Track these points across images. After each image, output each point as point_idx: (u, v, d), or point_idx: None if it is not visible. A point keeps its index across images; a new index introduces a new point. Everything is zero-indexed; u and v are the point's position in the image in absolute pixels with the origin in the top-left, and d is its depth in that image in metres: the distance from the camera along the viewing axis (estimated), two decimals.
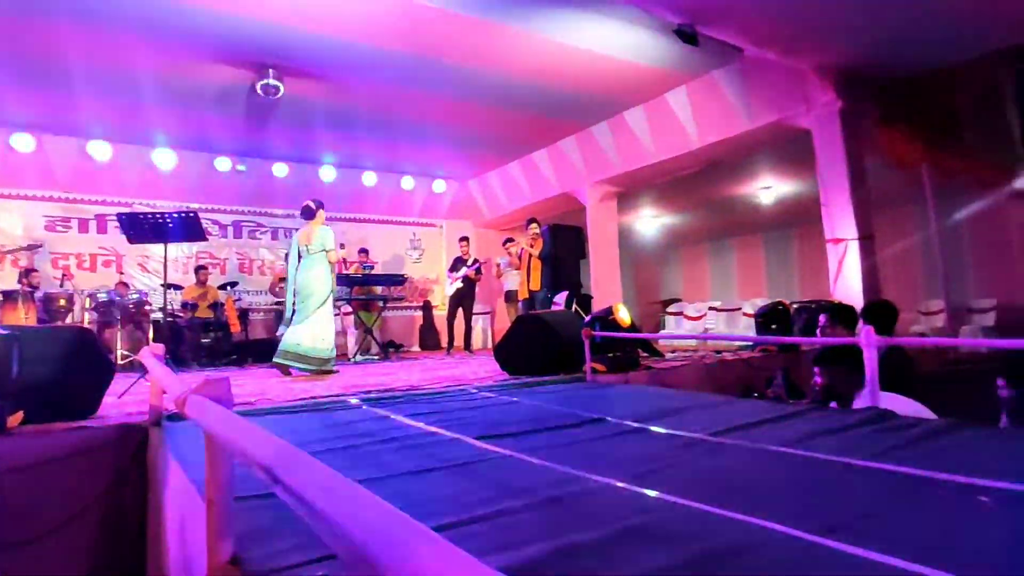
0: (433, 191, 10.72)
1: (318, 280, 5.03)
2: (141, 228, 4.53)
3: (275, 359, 4.87)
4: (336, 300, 7.64)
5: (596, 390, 3.36)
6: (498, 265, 9.12)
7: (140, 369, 3.67)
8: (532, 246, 7.72)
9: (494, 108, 7.49)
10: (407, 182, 10.31)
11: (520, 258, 8.05)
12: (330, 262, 5.12)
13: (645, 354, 5.28)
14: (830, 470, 1.64)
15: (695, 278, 14.34)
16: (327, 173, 9.39)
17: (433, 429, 2.29)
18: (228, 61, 6.04)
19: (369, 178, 9.79)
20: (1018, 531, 1.18)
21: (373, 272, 8.49)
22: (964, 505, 1.33)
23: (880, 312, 3.73)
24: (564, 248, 8.19)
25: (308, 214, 5.28)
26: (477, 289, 8.58)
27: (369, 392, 3.52)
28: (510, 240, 9.04)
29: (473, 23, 5.56)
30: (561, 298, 7.39)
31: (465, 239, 8.82)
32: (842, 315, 3.48)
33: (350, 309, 7.67)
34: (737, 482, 1.58)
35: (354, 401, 3.04)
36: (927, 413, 2.53)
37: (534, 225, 7.94)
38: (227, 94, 6.69)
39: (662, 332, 9.82)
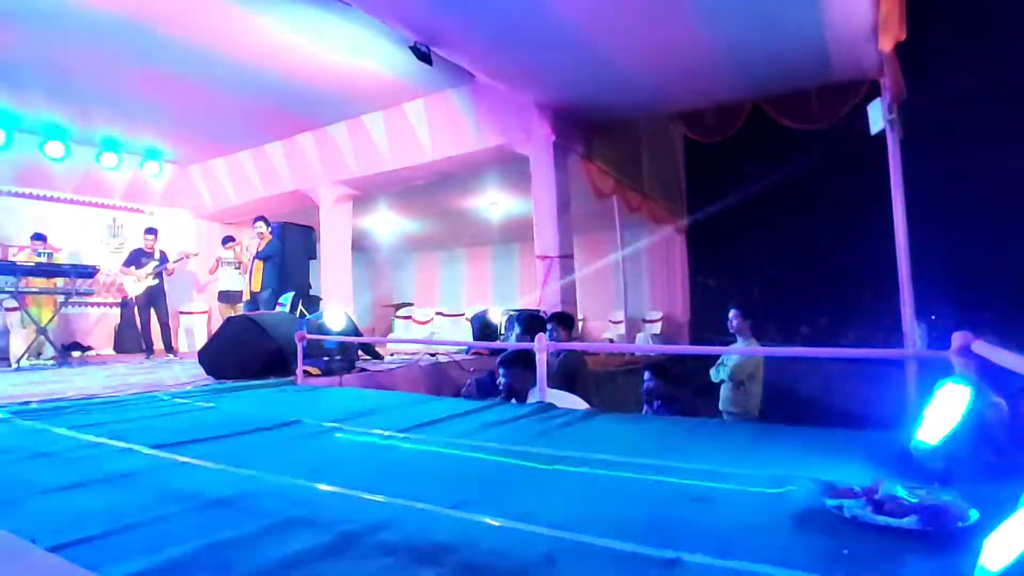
0: (143, 172, 9.40)
1: None
2: None
3: None
4: None
5: (302, 393, 3.36)
6: (218, 260, 8.40)
7: None
8: (259, 247, 7.33)
9: (220, 92, 6.92)
10: (108, 159, 8.87)
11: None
12: None
13: (366, 357, 5.38)
14: (484, 455, 1.93)
15: (427, 284, 14.94)
16: None
17: (101, 440, 2.08)
18: None
19: (54, 148, 8.21)
20: (602, 488, 1.57)
21: (52, 260, 7.11)
22: (570, 474, 1.70)
23: (561, 320, 4.41)
24: (293, 248, 7.91)
25: None
26: (169, 286, 7.67)
27: (28, 403, 3.00)
28: (230, 239, 8.43)
29: None
30: (287, 299, 7.11)
31: (152, 231, 7.62)
32: (528, 323, 4.04)
33: (15, 304, 6.32)
34: (404, 471, 1.77)
35: (0, 414, 2.57)
36: (581, 405, 3.07)
37: (260, 224, 7.52)
38: None
39: (390, 336, 10.03)
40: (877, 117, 5.18)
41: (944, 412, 1.42)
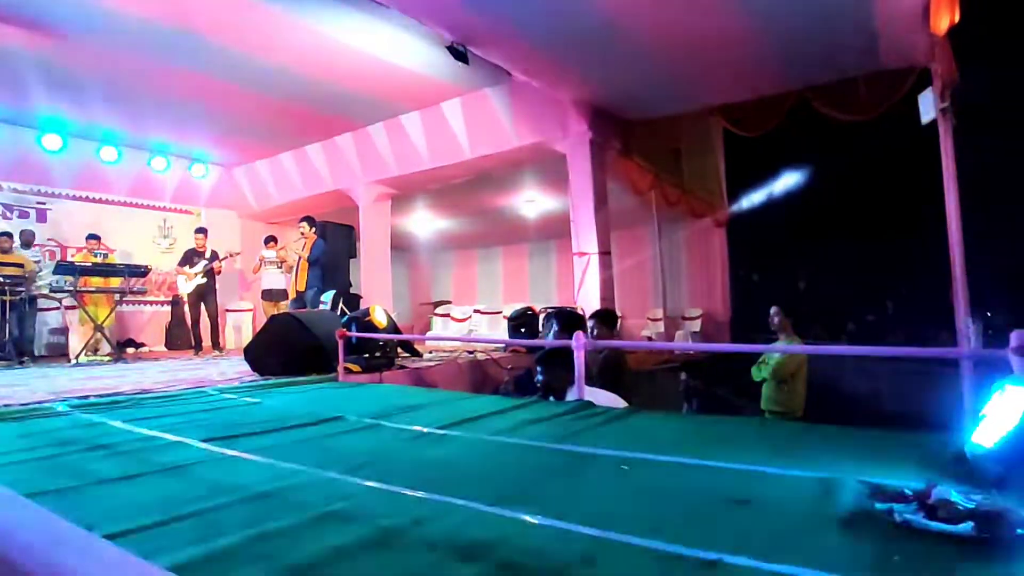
0: (191, 175, 9.72)
1: None
2: None
3: None
4: (56, 291, 6.59)
5: (344, 390, 3.42)
6: (261, 259, 8.64)
7: None
8: (304, 247, 7.51)
9: (263, 95, 7.10)
10: (159, 162, 9.21)
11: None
12: None
13: (406, 354, 5.45)
14: (522, 452, 1.93)
15: (465, 282, 15.03)
16: (52, 141, 8.01)
17: (153, 433, 2.16)
18: None
19: (108, 153, 8.56)
20: (641, 486, 1.55)
21: (107, 260, 7.42)
22: (609, 472, 1.69)
23: (603, 318, 4.38)
24: (334, 247, 8.07)
25: None
26: (218, 284, 8.04)
27: (86, 397, 3.14)
28: (272, 239, 8.64)
29: (240, 2, 5.25)
30: (328, 297, 7.26)
31: (202, 231, 8.17)
32: (566, 321, 4.03)
33: (74, 303, 6.62)
34: (444, 467, 1.79)
35: (61, 408, 2.69)
36: (620, 403, 3.04)
37: (303, 224, 7.69)
38: None
39: (429, 333, 10.14)
40: (928, 106, 4.98)
41: (1002, 414, 1.36)
